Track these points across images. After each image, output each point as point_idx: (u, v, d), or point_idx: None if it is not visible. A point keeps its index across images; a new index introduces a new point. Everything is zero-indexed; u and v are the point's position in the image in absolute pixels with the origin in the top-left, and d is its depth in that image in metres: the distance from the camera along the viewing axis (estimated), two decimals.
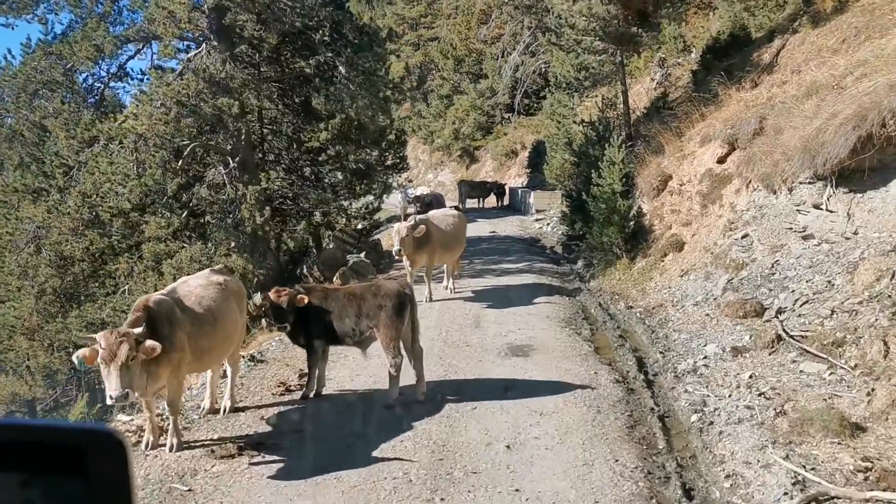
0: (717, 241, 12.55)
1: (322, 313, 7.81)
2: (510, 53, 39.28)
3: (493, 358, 9.25)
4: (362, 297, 7.67)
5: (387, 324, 7.42)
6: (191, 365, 6.45)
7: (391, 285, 7.74)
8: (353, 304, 7.66)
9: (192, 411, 7.55)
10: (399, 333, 7.45)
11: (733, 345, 9.22)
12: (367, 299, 7.62)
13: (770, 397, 7.30)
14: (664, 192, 15.18)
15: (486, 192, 34.51)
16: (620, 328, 11.22)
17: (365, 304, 7.60)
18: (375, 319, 7.51)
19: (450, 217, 13.77)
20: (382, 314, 7.46)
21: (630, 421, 7.15)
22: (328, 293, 7.93)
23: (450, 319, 11.60)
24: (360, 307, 7.61)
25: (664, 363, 9.11)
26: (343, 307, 7.68)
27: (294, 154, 19.02)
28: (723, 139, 13.89)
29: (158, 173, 13.05)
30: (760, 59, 16.97)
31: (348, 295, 7.78)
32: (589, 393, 7.77)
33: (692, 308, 11.24)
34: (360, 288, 7.95)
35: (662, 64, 23.77)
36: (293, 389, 8.12)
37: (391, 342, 7.40)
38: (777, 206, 11.68)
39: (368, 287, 7.87)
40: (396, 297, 7.52)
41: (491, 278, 15.60)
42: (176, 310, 6.21)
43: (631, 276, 13.99)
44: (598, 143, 17.88)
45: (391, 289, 7.64)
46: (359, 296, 7.71)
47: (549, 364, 8.88)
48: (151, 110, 13.15)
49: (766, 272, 10.88)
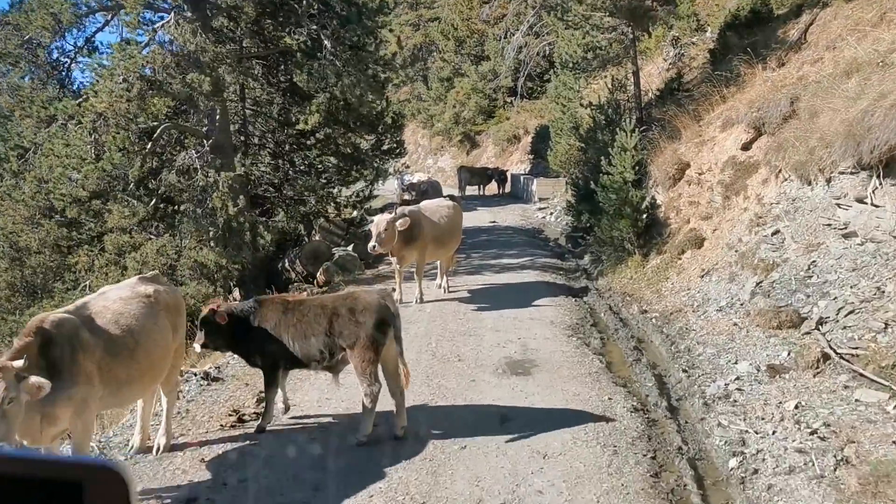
0: (743, 238, 11.19)
1: (280, 331, 6.47)
2: (513, 34, 37.74)
3: (488, 377, 7.90)
4: (335, 311, 6.29)
5: (365, 345, 6.06)
6: (105, 400, 5.10)
7: (371, 298, 6.32)
8: (323, 320, 6.29)
9: (118, 450, 6.20)
10: (378, 357, 6.11)
11: (769, 362, 7.88)
12: (340, 315, 6.24)
13: (825, 437, 5.97)
14: (681, 181, 13.79)
15: (486, 179, 33.25)
16: (634, 337, 9.88)
17: (338, 320, 6.23)
18: (351, 339, 6.15)
19: (444, 208, 12.33)
20: (360, 333, 6.11)
21: (654, 466, 5.82)
22: (289, 306, 6.54)
23: (441, 326, 10.25)
24: (332, 324, 6.24)
25: (689, 385, 7.76)
26: (309, 324, 6.34)
27: (280, 137, 17.65)
28: (748, 123, 12.51)
29: (118, 157, 11.64)
30: (787, 35, 15.55)
31: (316, 308, 6.41)
32: (602, 427, 6.43)
33: (716, 315, 9.89)
34: (331, 300, 6.51)
35: (676, 43, 22.28)
36: (247, 419, 6.76)
37: (368, 367, 6.04)
38: (813, 198, 10.31)
39: (343, 299, 6.43)
40: (377, 312, 6.15)
41: (489, 275, 14.24)
42: (82, 332, 4.86)
43: (644, 274, 12.63)
44: (608, 127, 16.52)
45: (371, 302, 6.23)
46: (330, 310, 6.32)
47: (553, 386, 7.54)
48: (112, 86, 11.75)
49: (801, 275, 9.51)
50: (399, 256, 11.40)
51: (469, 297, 12.26)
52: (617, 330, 10.25)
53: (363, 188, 18.53)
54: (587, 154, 18.16)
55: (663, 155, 14.36)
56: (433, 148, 47.78)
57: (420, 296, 11.85)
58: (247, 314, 6.65)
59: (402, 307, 11.59)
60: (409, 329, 10.11)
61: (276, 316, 6.54)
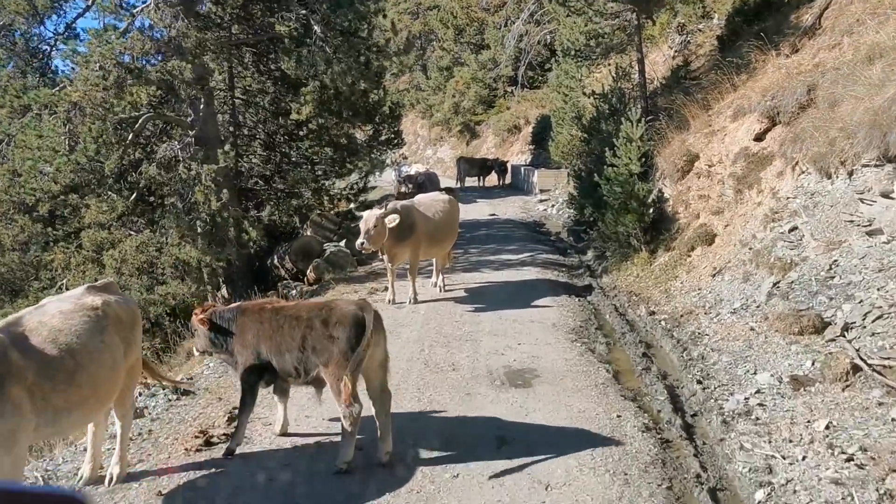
0: (757, 235, 10.50)
1: (257, 341, 5.81)
2: (514, 22, 36.96)
3: (485, 390, 7.22)
4: (309, 323, 5.59)
5: (339, 362, 5.36)
6: (40, 431, 4.42)
7: (347, 308, 5.61)
8: (297, 333, 5.61)
9: (66, 480, 5.51)
10: (357, 374, 5.42)
11: (792, 373, 7.21)
12: (314, 327, 5.55)
13: (863, 464, 5.30)
14: (690, 174, 13.09)
15: (486, 170, 32.57)
16: (643, 342, 9.20)
17: (312, 333, 5.54)
18: (324, 356, 5.47)
19: (438, 202, 11.60)
20: (334, 349, 5.42)
21: (670, 499, 5.15)
22: (265, 316, 5.87)
23: (436, 329, 9.57)
24: (305, 338, 5.56)
25: (704, 398, 7.09)
26: (283, 337, 5.66)
27: (271, 128, 16.95)
28: (761, 112, 11.82)
29: (93, 148, 10.93)
30: (800, 20, 14.81)
31: (291, 319, 5.72)
32: (611, 451, 5.76)
33: (730, 317, 9.22)
34: (306, 310, 5.80)
35: (682, 30, 21.54)
36: (216, 442, 6.08)
37: (347, 384, 5.35)
38: (833, 193, 9.63)
39: (318, 310, 5.72)
40: (354, 325, 5.45)
41: (488, 272, 13.54)
42: (11, 353, 4.18)
43: (651, 272, 11.95)
44: (612, 116, 15.82)
45: (347, 313, 5.53)
46: (304, 322, 5.62)
47: (557, 400, 6.86)
48: (87, 74, 11.03)
49: (822, 275, 8.82)
50: (390, 254, 10.71)
51: (466, 296, 11.59)
52: (624, 334, 9.57)
53: (358, 180, 17.84)
54: (590, 145, 17.47)
55: (671, 146, 13.67)
56: (432, 138, 47.06)
57: (414, 296, 11.17)
58: (227, 321, 6.02)
59: (394, 308, 11.03)
60: (401, 333, 9.46)
61: (254, 326, 5.89)
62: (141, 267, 11.42)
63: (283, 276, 14.18)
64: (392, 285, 11.26)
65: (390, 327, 9.92)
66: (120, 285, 11.67)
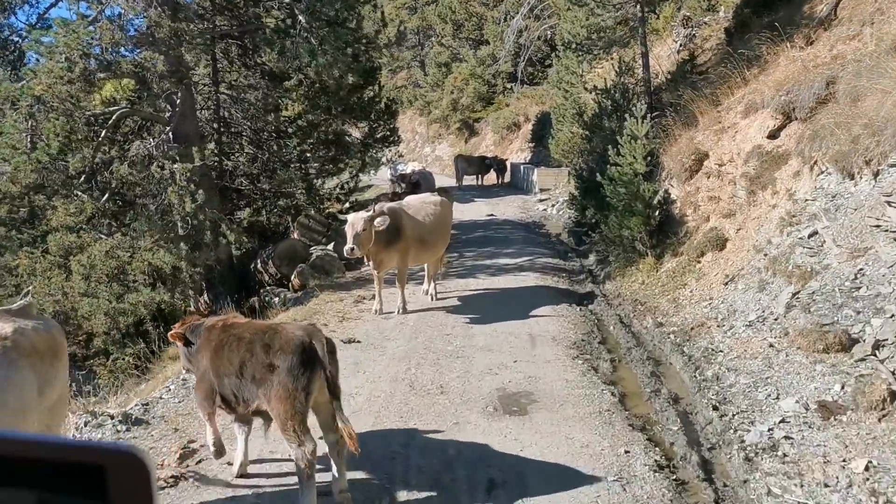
0: (773, 240, 9.72)
1: (207, 360, 5.07)
2: (513, 17, 36.21)
3: (476, 418, 6.42)
4: (249, 347, 4.81)
5: (280, 396, 4.59)
6: None
7: (291, 335, 4.80)
8: (235, 356, 4.86)
9: None
10: (305, 409, 4.64)
11: (820, 398, 6.43)
12: (254, 352, 4.77)
13: None
14: (698, 173, 12.29)
15: (485, 169, 31.76)
16: (651, 359, 8.42)
17: (252, 360, 4.76)
18: (265, 387, 4.70)
19: (429, 205, 10.77)
20: (274, 380, 4.64)
21: None
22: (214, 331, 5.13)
23: (424, 344, 8.78)
24: (244, 364, 4.79)
25: (723, 428, 6.30)
26: (223, 360, 4.91)
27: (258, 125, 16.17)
28: (775, 108, 11.05)
29: (56, 146, 10.15)
30: (814, 11, 14.03)
31: (233, 340, 4.94)
32: (620, 497, 4.97)
33: (745, 331, 8.44)
34: (251, 331, 4.99)
35: (686, 23, 20.73)
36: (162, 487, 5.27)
37: (290, 423, 4.57)
38: (857, 195, 8.85)
39: (262, 332, 4.93)
40: (297, 353, 4.65)
41: (484, 278, 12.75)
42: None
43: (658, 279, 11.16)
44: (615, 113, 15.06)
45: (289, 341, 4.73)
46: (245, 344, 4.85)
47: (556, 432, 6.07)
48: (51, 66, 10.24)
49: (846, 285, 8.02)
50: (377, 261, 9.91)
51: (459, 305, 10.81)
52: (630, 349, 8.79)
53: (348, 179, 17.06)
54: (592, 143, 16.71)
55: (678, 144, 12.88)
56: (430, 136, 46.26)
57: (402, 305, 10.38)
58: (196, 336, 5.31)
59: (381, 319, 10.25)
60: (386, 348, 8.69)
61: (205, 343, 5.16)
62: (111, 273, 10.63)
63: (268, 281, 13.40)
64: (379, 294, 10.48)
65: (376, 341, 9.22)
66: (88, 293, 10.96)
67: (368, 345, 8.91)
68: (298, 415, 4.54)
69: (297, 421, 4.52)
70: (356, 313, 10.56)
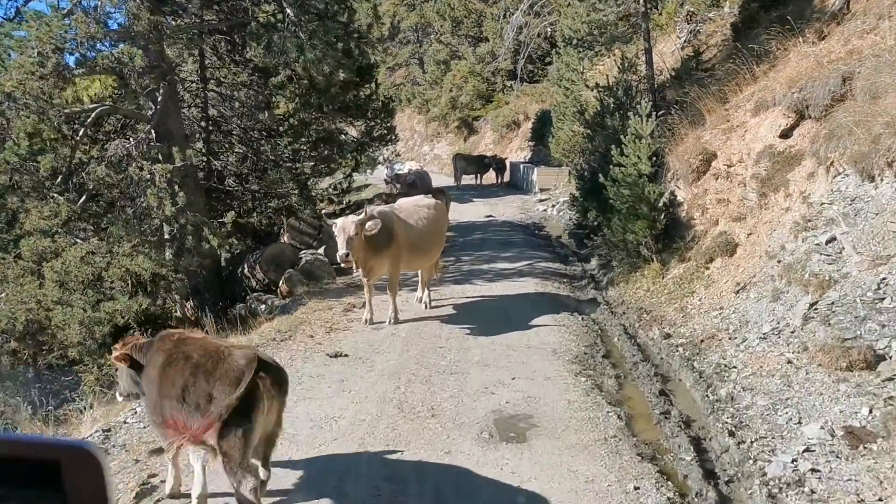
0: (787, 245, 9.15)
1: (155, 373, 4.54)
2: (513, 14, 35.66)
3: (469, 445, 5.84)
4: (194, 371, 4.29)
5: (217, 430, 4.05)
6: None
7: (237, 363, 4.26)
8: (178, 378, 4.34)
9: None
10: (248, 443, 4.09)
11: (846, 423, 5.87)
12: (197, 377, 4.25)
13: None
14: (706, 174, 11.72)
15: (484, 168, 31.26)
16: (658, 375, 7.84)
17: (194, 385, 4.24)
18: (205, 418, 4.13)
19: (423, 208, 10.17)
20: (212, 411, 4.10)
21: None
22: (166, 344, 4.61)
23: (416, 359, 8.20)
24: (186, 388, 4.26)
25: (741, 458, 5.73)
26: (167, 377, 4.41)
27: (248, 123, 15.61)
28: (787, 106, 10.48)
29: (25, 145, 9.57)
30: (825, 5, 13.46)
31: (181, 358, 4.41)
32: None
33: (760, 345, 7.87)
34: (200, 351, 4.44)
35: (691, 19, 20.15)
36: None
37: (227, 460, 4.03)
38: (878, 198, 8.28)
39: (209, 355, 4.39)
40: (237, 382, 4.12)
41: (481, 284, 12.17)
42: None
43: (664, 286, 10.59)
44: (618, 111, 14.48)
45: (230, 370, 4.20)
46: (191, 366, 4.33)
47: (558, 462, 5.49)
48: (22, 60, 9.67)
49: (869, 296, 7.44)
50: (367, 267, 9.31)
51: (455, 314, 10.23)
52: (636, 364, 8.21)
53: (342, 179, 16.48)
54: (594, 142, 16.13)
55: (684, 143, 12.32)
56: (429, 134, 45.71)
57: (394, 315, 9.79)
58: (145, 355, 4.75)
59: (371, 330, 9.67)
60: (375, 363, 8.11)
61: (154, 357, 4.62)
62: (86, 280, 10.06)
63: (255, 287, 12.83)
64: (369, 302, 9.89)
65: (364, 355, 8.61)
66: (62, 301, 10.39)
67: (356, 359, 8.33)
68: (241, 449, 3.99)
69: (237, 459, 3.97)
70: (345, 323, 9.98)
